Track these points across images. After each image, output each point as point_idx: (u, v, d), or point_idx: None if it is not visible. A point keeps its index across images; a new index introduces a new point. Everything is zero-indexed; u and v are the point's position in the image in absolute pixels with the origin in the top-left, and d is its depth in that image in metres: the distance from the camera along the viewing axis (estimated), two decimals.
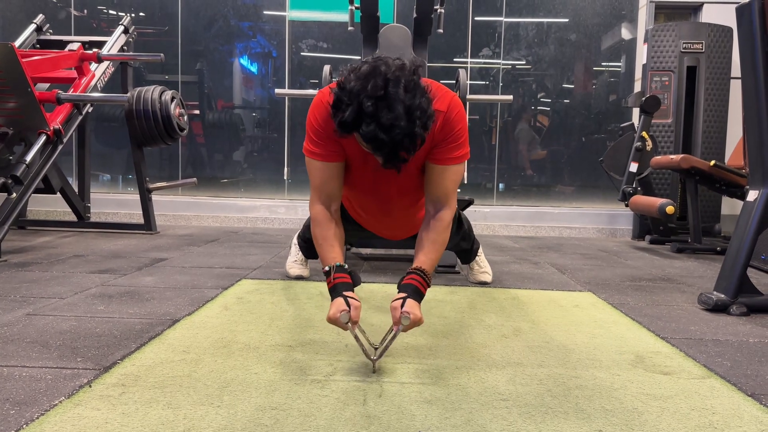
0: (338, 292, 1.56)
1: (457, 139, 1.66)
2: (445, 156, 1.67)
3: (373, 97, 1.37)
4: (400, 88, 1.38)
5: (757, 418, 1.29)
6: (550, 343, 1.84)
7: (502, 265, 3.37)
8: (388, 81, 1.38)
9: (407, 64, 1.45)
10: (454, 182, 1.73)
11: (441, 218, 1.71)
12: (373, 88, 1.37)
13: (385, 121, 1.37)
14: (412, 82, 1.42)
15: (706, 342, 1.90)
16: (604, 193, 5.50)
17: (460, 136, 1.66)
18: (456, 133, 1.65)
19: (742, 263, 2.29)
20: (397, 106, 1.37)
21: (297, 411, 1.27)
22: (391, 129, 1.37)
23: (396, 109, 1.37)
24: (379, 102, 1.37)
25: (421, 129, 1.42)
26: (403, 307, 1.54)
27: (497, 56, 5.61)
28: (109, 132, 5.63)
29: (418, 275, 1.63)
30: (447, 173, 1.69)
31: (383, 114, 1.37)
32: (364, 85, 1.38)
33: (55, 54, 3.90)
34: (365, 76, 1.40)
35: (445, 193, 1.72)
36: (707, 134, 4.82)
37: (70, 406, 1.26)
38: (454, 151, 1.67)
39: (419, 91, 1.42)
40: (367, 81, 1.38)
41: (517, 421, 1.24)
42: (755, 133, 2.32)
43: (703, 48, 4.77)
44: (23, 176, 3.34)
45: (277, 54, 5.68)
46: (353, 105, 1.39)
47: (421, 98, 1.41)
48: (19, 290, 2.36)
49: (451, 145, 1.66)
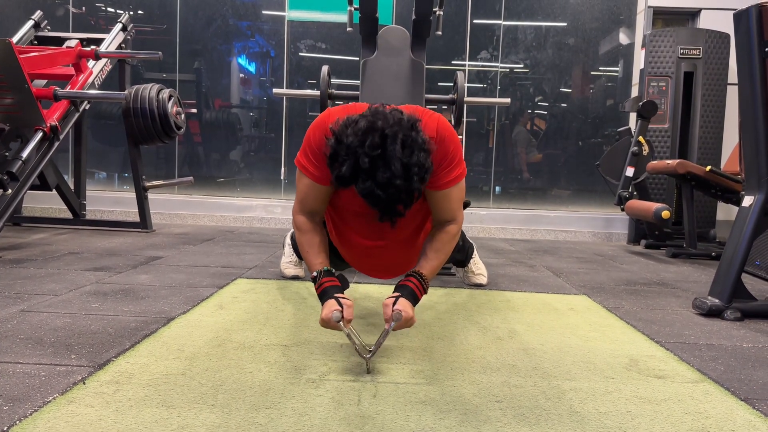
0: (329, 295, 1.57)
1: (451, 161, 1.62)
2: (443, 181, 1.63)
3: (370, 155, 1.35)
4: (397, 144, 1.36)
5: (749, 423, 1.30)
6: (545, 345, 1.84)
7: (498, 267, 3.37)
8: (386, 137, 1.36)
9: (405, 118, 1.43)
10: (458, 200, 1.71)
11: (447, 230, 1.72)
12: (370, 146, 1.35)
13: (382, 180, 1.35)
14: (410, 137, 1.39)
15: (700, 346, 1.90)
16: (600, 197, 5.51)
17: (454, 156, 1.63)
18: (450, 155, 1.62)
19: (736, 268, 2.30)
20: (394, 163, 1.35)
21: (291, 410, 1.26)
22: (388, 187, 1.36)
23: (393, 166, 1.35)
24: (376, 160, 1.35)
25: (419, 183, 1.40)
26: (395, 305, 1.55)
27: (495, 59, 5.62)
28: (106, 130, 5.62)
29: (416, 278, 1.63)
30: (450, 195, 1.67)
31: (380, 172, 1.35)
32: (361, 141, 1.36)
33: (53, 51, 3.89)
34: (363, 132, 1.37)
35: (451, 213, 1.71)
36: (704, 140, 4.84)
37: (64, 402, 1.26)
38: (451, 173, 1.64)
39: (417, 147, 1.39)
40: (365, 137, 1.36)
41: (511, 422, 1.25)
42: (751, 139, 2.33)
43: (701, 54, 4.80)
44: (19, 172, 3.33)
45: (276, 54, 5.68)
46: (350, 160, 1.37)
47: (419, 154, 1.39)
48: (14, 287, 2.35)
49: (446, 169, 1.62)
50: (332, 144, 1.41)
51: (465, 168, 1.70)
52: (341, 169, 1.38)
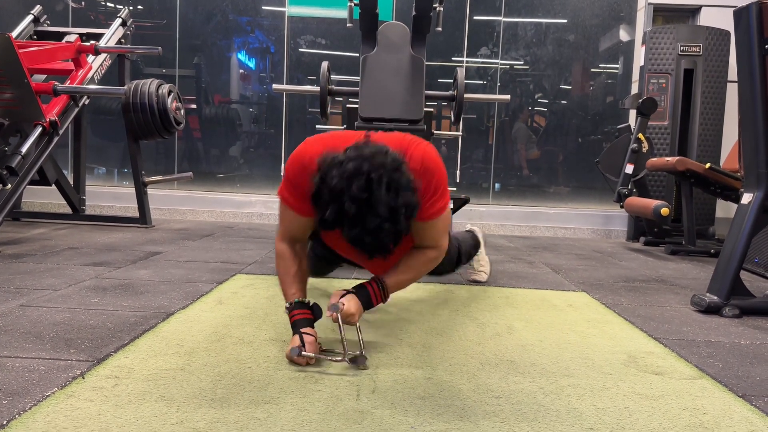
0: (296, 329, 1.57)
1: (435, 193, 1.56)
2: (427, 213, 1.56)
3: (356, 201, 1.31)
4: (382, 188, 1.31)
5: (747, 419, 1.30)
6: (543, 342, 1.84)
7: (497, 264, 3.37)
8: (371, 182, 1.31)
9: (389, 159, 1.36)
10: (442, 230, 1.67)
11: (426, 253, 1.69)
12: (357, 190, 1.30)
13: (370, 225, 1.32)
14: (395, 180, 1.34)
15: (698, 343, 1.91)
16: (599, 194, 5.51)
17: (437, 188, 1.57)
18: (433, 187, 1.55)
19: (735, 265, 2.30)
20: (381, 208, 1.31)
21: (290, 405, 1.27)
22: (375, 232, 1.33)
23: (380, 211, 1.31)
24: (362, 206, 1.31)
25: (406, 223, 1.37)
26: (342, 297, 1.56)
27: (495, 56, 5.62)
28: (106, 125, 5.61)
29: (377, 285, 1.63)
30: (434, 226, 1.62)
31: (368, 218, 1.32)
32: (348, 185, 1.31)
33: (52, 45, 3.89)
34: (348, 176, 1.31)
35: (434, 241, 1.68)
36: (703, 137, 4.84)
37: (63, 397, 1.26)
38: (435, 205, 1.58)
39: (402, 188, 1.35)
40: (351, 181, 1.31)
41: (510, 418, 1.25)
42: (751, 137, 2.33)
43: (701, 51, 4.79)
44: (18, 167, 3.33)
45: (276, 50, 5.67)
46: (335, 205, 1.32)
47: (405, 194, 1.35)
48: (13, 281, 2.35)
49: (430, 201, 1.56)
50: (317, 183, 1.36)
51: (449, 198, 1.65)
52: (326, 213, 1.34)
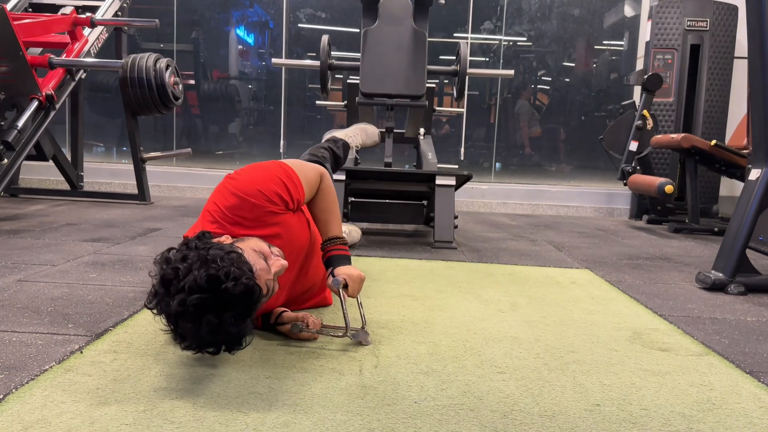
0: (271, 326, 1.55)
1: (284, 188, 1.46)
2: (297, 195, 1.51)
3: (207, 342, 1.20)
4: (229, 323, 1.17)
5: (755, 395, 1.28)
6: (547, 318, 1.82)
7: (500, 241, 3.35)
8: (220, 319, 1.16)
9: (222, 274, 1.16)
10: (309, 175, 1.57)
11: (320, 188, 1.62)
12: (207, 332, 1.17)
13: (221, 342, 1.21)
14: (237, 307, 1.17)
15: (704, 320, 1.89)
16: (602, 172, 5.47)
17: (281, 185, 1.46)
18: (276, 192, 1.44)
19: (741, 242, 2.28)
20: (229, 333, 1.19)
21: (292, 380, 1.25)
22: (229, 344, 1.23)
23: (228, 331, 1.18)
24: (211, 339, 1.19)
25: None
26: (334, 276, 1.52)
27: (499, 31, 5.53)
28: (104, 102, 5.55)
29: (332, 244, 1.58)
30: (308, 184, 1.55)
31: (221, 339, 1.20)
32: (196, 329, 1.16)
33: (48, 18, 3.82)
34: (193, 321, 1.16)
35: (315, 183, 1.60)
36: (709, 114, 4.78)
37: (61, 371, 1.24)
38: (294, 188, 1.49)
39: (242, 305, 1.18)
40: (198, 325, 1.16)
41: (514, 393, 1.23)
42: (760, 111, 2.29)
43: (708, 26, 4.71)
44: (15, 142, 3.29)
45: (275, 24, 5.58)
46: (192, 338, 1.20)
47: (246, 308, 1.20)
48: (11, 257, 2.33)
49: (289, 193, 1.48)
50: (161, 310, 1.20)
51: (283, 167, 1.51)
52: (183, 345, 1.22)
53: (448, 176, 3.10)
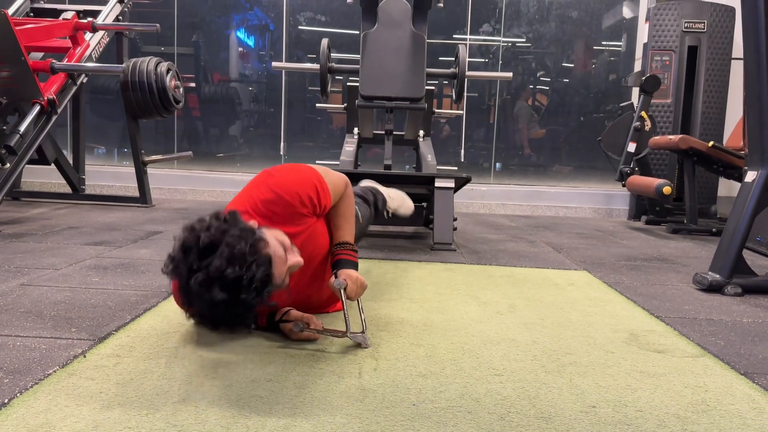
0: (276, 323, 1.56)
1: (315, 192, 1.53)
2: (325, 201, 1.57)
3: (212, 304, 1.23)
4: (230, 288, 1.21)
5: (749, 396, 1.30)
6: (545, 320, 1.84)
7: (498, 243, 3.37)
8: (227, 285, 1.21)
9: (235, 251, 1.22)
10: (336, 183, 1.63)
11: (342, 199, 1.67)
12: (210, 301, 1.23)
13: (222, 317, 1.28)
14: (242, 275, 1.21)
15: (700, 321, 1.90)
16: (601, 172, 5.48)
17: (312, 188, 1.53)
18: (308, 194, 1.52)
19: (738, 244, 2.29)
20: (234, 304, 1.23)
21: (292, 383, 1.27)
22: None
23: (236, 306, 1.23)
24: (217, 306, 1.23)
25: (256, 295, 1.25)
26: (336, 277, 1.56)
27: (497, 33, 5.55)
28: (105, 104, 5.57)
29: (342, 248, 1.63)
30: (335, 192, 1.61)
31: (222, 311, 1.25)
32: (201, 294, 1.23)
33: (49, 22, 3.84)
34: (198, 290, 1.22)
35: (341, 191, 1.65)
36: (706, 115, 4.80)
37: (65, 375, 1.26)
38: (324, 194, 1.55)
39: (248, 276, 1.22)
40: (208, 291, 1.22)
41: (511, 395, 1.25)
42: (756, 113, 2.31)
43: (705, 27, 4.73)
44: (17, 146, 3.31)
45: (275, 27, 5.60)
46: (197, 307, 1.28)
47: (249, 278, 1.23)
48: (13, 261, 2.35)
49: (318, 197, 1.54)
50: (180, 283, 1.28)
51: (316, 172, 1.57)
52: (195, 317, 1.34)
53: (448, 179, 3.12)
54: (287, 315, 1.56)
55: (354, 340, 1.52)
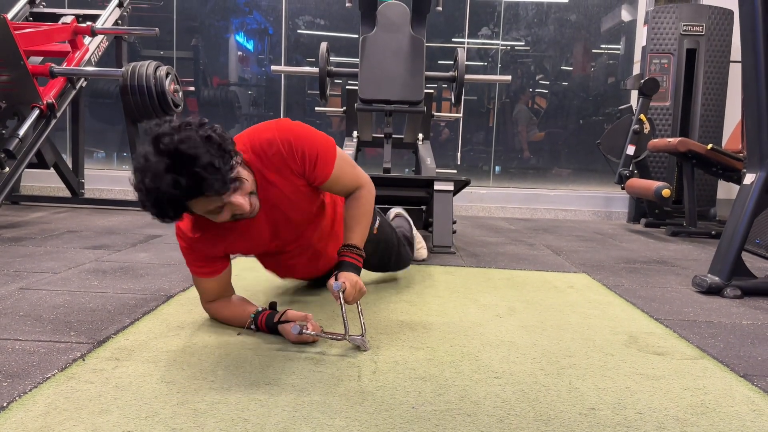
0: (275, 325, 1.56)
1: (313, 158, 1.56)
2: (319, 175, 1.59)
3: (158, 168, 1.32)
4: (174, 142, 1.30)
5: (748, 398, 1.30)
6: (544, 323, 1.84)
7: (498, 246, 3.37)
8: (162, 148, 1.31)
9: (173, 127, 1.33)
10: (349, 174, 1.66)
11: (358, 196, 1.70)
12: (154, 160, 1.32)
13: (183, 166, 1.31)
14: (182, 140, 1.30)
15: (700, 324, 1.90)
16: (600, 175, 5.49)
17: (313, 153, 1.55)
18: (308, 155, 1.55)
19: (737, 246, 2.29)
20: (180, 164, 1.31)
21: (291, 386, 1.27)
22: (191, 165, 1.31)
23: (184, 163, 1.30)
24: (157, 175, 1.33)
25: (215, 158, 1.31)
26: (336, 279, 1.55)
27: (496, 36, 5.56)
28: (104, 108, 5.57)
29: (349, 251, 1.64)
30: (338, 178, 1.63)
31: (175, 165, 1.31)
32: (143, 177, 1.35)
33: (49, 27, 3.84)
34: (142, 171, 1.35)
35: (351, 185, 1.69)
36: (705, 118, 4.80)
37: (64, 379, 1.26)
38: (320, 166, 1.58)
39: (191, 142, 1.30)
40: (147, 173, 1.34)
41: (511, 398, 1.25)
42: (754, 116, 2.31)
43: (704, 30, 4.74)
44: (16, 150, 3.31)
45: (274, 31, 5.61)
46: (155, 194, 1.35)
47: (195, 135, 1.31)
48: (12, 264, 2.35)
49: (313, 165, 1.57)
50: (134, 185, 1.39)
51: (331, 147, 1.61)
52: (146, 206, 1.41)
53: (447, 181, 3.12)
54: (285, 315, 1.56)
55: (353, 343, 1.52)
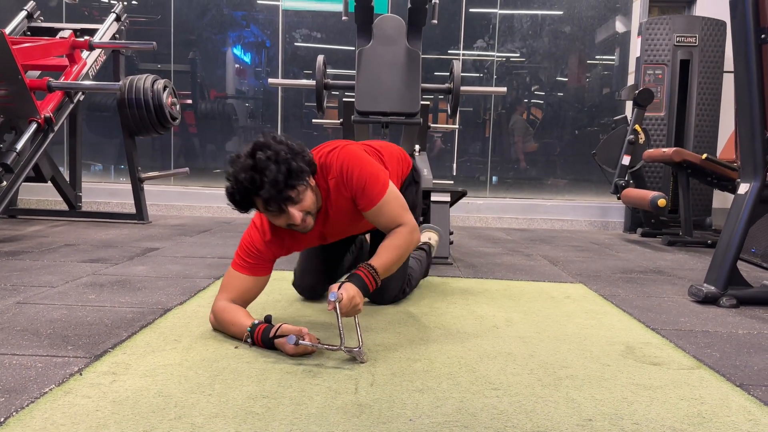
0: (271, 338, 1.57)
1: (362, 188, 1.73)
2: (364, 203, 1.74)
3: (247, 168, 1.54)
4: (262, 156, 1.54)
5: (745, 408, 1.31)
6: (541, 333, 1.84)
7: (495, 256, 3.38)
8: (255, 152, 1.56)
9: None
10: (392, 210, 1.77)
11: (397, 231, 1.77)
12: (245, 162, 1.56)
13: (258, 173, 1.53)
14: (275, 149, 1.56)
15: (696, 333, 1.91)
16: (596, 186, 5.51)
17: (362, 184, 1.73)
18: (356, 183, 1.72)
19: (732, 256, 2.31)
20: (266, 164, 1.53)
21: (288, 399, 1.27)
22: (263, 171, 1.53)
23: (265, 165, 1.53)
24: (249, 170, 1.54)
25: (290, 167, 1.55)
26: (339, 289, 1.57)
27: (491, 48, 5.60)
28: (102, 121, 5.59)
29: (366, 269, 1.67)
30: (382, 210, 1.75)
31: (256, 174, 1.54)
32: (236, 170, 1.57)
33: (46, 41, 3.87)
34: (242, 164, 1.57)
35: (393, 222, 1.78)
36: (700, 128, 4.84)
37: (61, 393, 1.26)
38: (368, 197, 1.74)
39: (279, 152, 1.55)
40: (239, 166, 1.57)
41: (508, 410, 1.25)
42: (747, 126, 2.33)
43: (697, 41, 4.78)
44: (14, 164, 3.31)
45: (271, 44, 5.65)
46: (234, 183, 1.57)
47: (285, 151, 1.57)
48: (10, 279, 2.34)
49: (361, 194, 1.73)
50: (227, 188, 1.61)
51: (384, 184, 1.77)
52: (233, 195, 1.60)
53: (443, 192, 3.13)
54: (281, 330, 1.56)
55: (349, 354, 1.52)
